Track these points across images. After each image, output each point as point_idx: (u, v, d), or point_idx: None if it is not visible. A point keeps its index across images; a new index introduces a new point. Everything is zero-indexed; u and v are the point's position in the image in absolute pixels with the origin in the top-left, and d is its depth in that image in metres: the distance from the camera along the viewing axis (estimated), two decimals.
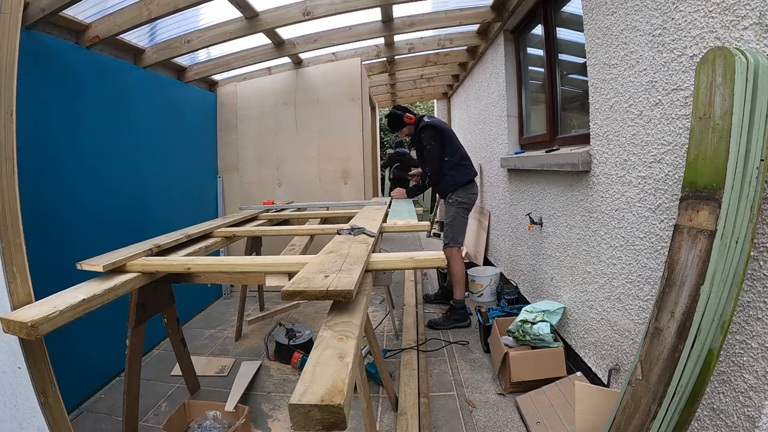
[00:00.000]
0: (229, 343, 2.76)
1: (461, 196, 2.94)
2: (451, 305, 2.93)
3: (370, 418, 1.46)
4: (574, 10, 2.24)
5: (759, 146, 0.96)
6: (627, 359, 1.62)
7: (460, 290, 2.90)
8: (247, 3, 2.47)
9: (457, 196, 2.95)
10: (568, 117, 2.53)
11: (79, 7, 2.07)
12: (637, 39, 1.49)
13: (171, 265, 1.42)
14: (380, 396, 2.05)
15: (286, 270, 1.35)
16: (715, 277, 0.97)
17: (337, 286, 0.94)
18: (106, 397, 2.11)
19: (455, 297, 2.91)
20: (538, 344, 2.01)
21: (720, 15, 1.11)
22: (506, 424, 1.81)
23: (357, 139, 3.64)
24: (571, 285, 2.12)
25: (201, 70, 3.33)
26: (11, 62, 1.22)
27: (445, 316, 2.90)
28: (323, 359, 0.72)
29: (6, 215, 1.18)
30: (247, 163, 3.81)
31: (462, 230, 2.98)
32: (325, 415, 0.59)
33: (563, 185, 2.19)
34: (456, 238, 2.94)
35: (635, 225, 1.55)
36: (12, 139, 1.22)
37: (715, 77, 1.00)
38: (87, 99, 2.21)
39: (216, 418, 1.74)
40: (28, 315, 1.03)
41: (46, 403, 1.19)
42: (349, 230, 1.61)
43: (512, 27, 3.14)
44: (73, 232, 2.06)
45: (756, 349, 1.03)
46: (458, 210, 2.93)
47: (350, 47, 3.74)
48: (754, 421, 1.03)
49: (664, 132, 1.36)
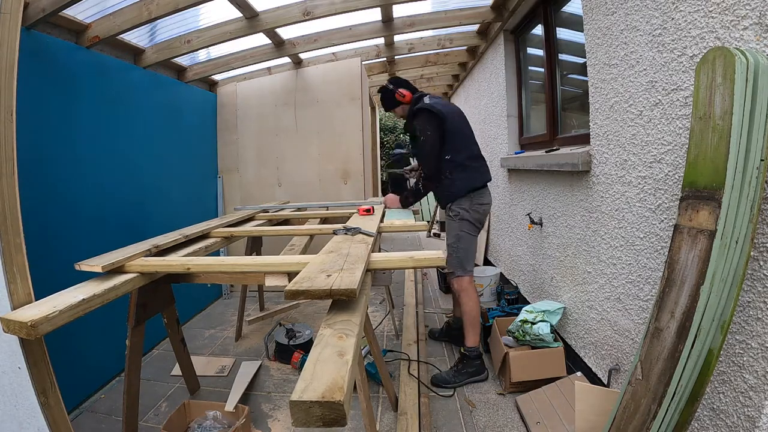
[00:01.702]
0: (229, 343, 2.76)
1: (465, 208, 2.22)
2: (463, 353, 2.20)
3: (370, 417, 1.45)
4: (574, 10, 2.24)
5: (759, 146, 0.96)
6: (627, 359, 1.62)
7: (474, 334, 2.17)
8: (247, 3, 2.47)
9: (460, 208, 2.23)
10: (568, 117, 2.53)
11: (79, 7, 2.06)
12: (637, 39, 1.49)
13: (170, 266, 1.42)
14: (380, 396, 2.05)
15: (286, 270, 1.35)
16: (715, 277, 0.97)
17: (341, 285, 0.94)
18: (106, 397, 2.11)
19: (467, 343, 2.17)
20: (538, 344, 2.01)
21: (720, 15, 1.11)
22: (506, 424, 1.81)
23: (357, 139, 3.64)
24: (571, 285, 2.12)
25: (201, 70, 3.33)
26: (11, 62, 1.22)
27: (456, 369, 2.17)
28: (323, 357, 0.73)
29: (6, 215, 1.18)
30: (247, 163, 3.81)
31: (470, 253, 2.26)
32: (325, 411, 0.60)
33: (563, 185, 2.19)
34: (464, 265, 2.22)
35: (635, 225, 1.55)
36: (12, 139, 1.22)
37: (715, 77, 1.00)
38: (87, 99, 2.21)
39: (216, 418, 1.74)
40: (28, 315, 1.03)
41: (46, 403, 1.19)
42: (345, 230, 1.62)
43: (512, 27, 3.14)
44: (73, 232, 2.06)
45: (756, 349, 1.03)
46: (461, 226, 2.22)
47: (350, 47, 3.74)
48: (754, 421, 1.03)
49: (664, 132, 1.36)
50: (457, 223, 2.24)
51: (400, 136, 10.19)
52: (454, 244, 2.25)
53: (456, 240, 2.24)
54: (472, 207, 2.23)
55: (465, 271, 2.23)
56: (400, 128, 10.32)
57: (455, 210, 2.25)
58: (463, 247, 2.23)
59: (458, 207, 2.24)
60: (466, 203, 2.23)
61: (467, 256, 2.24)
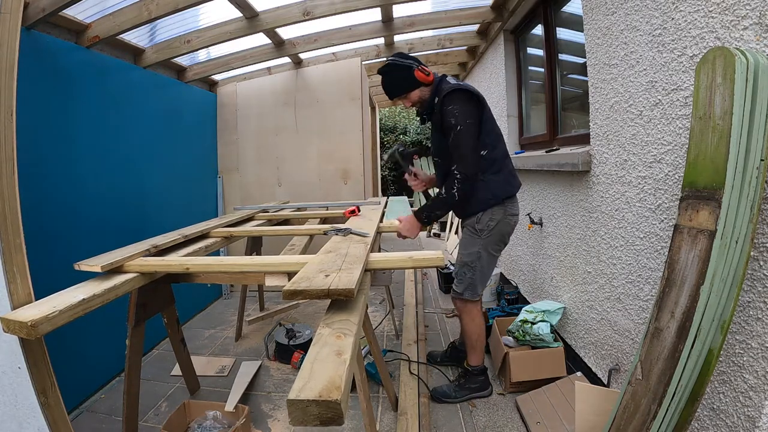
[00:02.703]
0: (229, 343, 2.76)
1: (496, 220, 1.81)
2: (466, 369, 2.03)
3: (369, 417, 1.45)
4: (574, 10, 2.24)
5: (759, 146, 0.96)
6: (627, 359, 1.62)
7: (479, 353, 2.00)
8: (247, 3, 2.47)
9: (491, 221, 1.82)
10: (568, 117, 2.53)
11: (79, 7, 2.06)
12: (637, 39, 1.49)
13: (169, 266, 1.42)
14: (380, 396, 2.05)
15: (286, 270, 1.35)
16: (715, 277, 0.97)
17: (338, 285, 0.94)
18: (106, 397, 2.11)
19: (471, 362, 2.02)
20: (538, 344, 2.01)
21: (720, 15, 1.11)
22: (506, 424, 1.81)
23: (357, 139, 3.64)
24: (571, 285, 2.12)
25: (201, 70, 3.34)
26: (11, 62, 1.22)
27: (458, 384, 2.01)
28: (321, 356, 0.74)
29: (6, 215, 1.18)
30: (247, 163, 3.81)
31: (487, 276, 1.92)
32: (322, 410, 0.60)
33: (563, 185, 2.19)
34: (475, 288, 1.90)
35: (635, 225, 1.55)
36: (12, 139, 1.22)
37: (715, 77, 1.00)
38: (87, 99, 2.21)
39: (216, 418, 1.74)
40: (28, 315, 1.03)
41: (46, 403, 1.19)
42: (335, 231, 1.62)
43: (512, 27, 3.14)
44: (73, 232, 2.06)
45: (756, 349, 1.03)
46: (487, 243, 1.84)
47: (350, 47, 3.74)
48: (754, 421, 1.03)
49: (664, 132, 1.36)
50: (481, 240, 1.84)
51: (401, 136, 10.16)
52: (473, 263, 1.86)
53: (476, 258, 1.85)
54: (504, 218, 1.82)
55: (474, 295, 1.90)
56: (401, 128, 10.29)
57: (485, 223, 1.82)
58: (479, 268, 1.86)
59: (489, 218, 1.81)
60: (499, 213, 1.81)
61: (483, 279, 1.89)
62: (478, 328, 1.96)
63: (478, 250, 1.85)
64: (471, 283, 1.89)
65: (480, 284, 1.91)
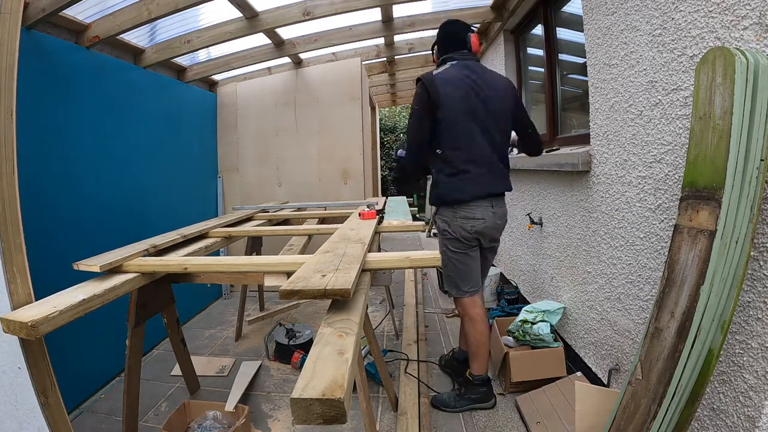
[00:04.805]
0: (229, 343, 2.76)
1: (447, 221, 1.80)
2: (467, 378, 1.95)
3: (369, 417, 1.45)
4: (574, 10, 2.24)
5: (759, 146, 0.96)
6: (627, 359, 1.62)
7: (480, 362, 1.89)
8: (247, 3, 2.47)
9: (441, 219, 1.83)
10: (568, 117, 2.53)
11: (79, 7, 2.06)
12: (637, 39, 1.49)
13: (168, 265, 1.42)
14: (380, 396, 2.05)
15: (284, 270, 1.35)
16: (715, 277, 0.97)
17: (335, 285, 0.94)
18: (106, 397, 2.11)
19: (473, 371, 1.92)
20: (538, 344, 2.01)
21: (720, 15, 1.11)
22: (506, 424, 1.81)
23: (357, 139, 3.64)
24: (571, 285, 2.12)
25: (201, 70, 3.34)
26: (11, 62, 1.23)
27: (458, 393, 1.95)
28: (323, 355, 0.74)
29: (6, 215, 1.18)
30: (247, 163, 3.81)
31: (464, 273, 1.84)
32: (326, 408, 0.61)
33: (563, 185, 2.19)
34: (458, 285, 1.85)
35: (635, 225, 1.55)
36: (12, 139, 1.22)
37: (715, 77, 1.00)
38: (87, 99, 2.21)
39: (216, 418, 1.74)
40: (28, 315, 1.03)
41: (46, 403, 1.19)
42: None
43: (512, 27, 3.14)
44: (73, 232, 2.06)
45: (756, 349, 1.03)
46: (444, 242, 1.84)
47: (350, 47, 3.74)
48: (754, 421, 1.03)
49: (664, 132, 1.36)
50: (442, 238, 1.85)
51: (401, 136, 10.17)
52: (443, 261, 1.82)
53: (444, 257, 1.82)
54: (455, 221, 1.78)
55: (460, 292, 1.86)
56: (401, 128, 10.29)
57: (439, 221, 1.85)
58: (453, 266, 1.84)
59: (440, 218, 1.84)
60: (448, 214, 1.80)
61: (461, 276, 1.85)
62: (479, 334, 1.85)
63: (442, 249, 1.84)
64: (450, 281, 1.88)
65: (461, 281, 1.85)
